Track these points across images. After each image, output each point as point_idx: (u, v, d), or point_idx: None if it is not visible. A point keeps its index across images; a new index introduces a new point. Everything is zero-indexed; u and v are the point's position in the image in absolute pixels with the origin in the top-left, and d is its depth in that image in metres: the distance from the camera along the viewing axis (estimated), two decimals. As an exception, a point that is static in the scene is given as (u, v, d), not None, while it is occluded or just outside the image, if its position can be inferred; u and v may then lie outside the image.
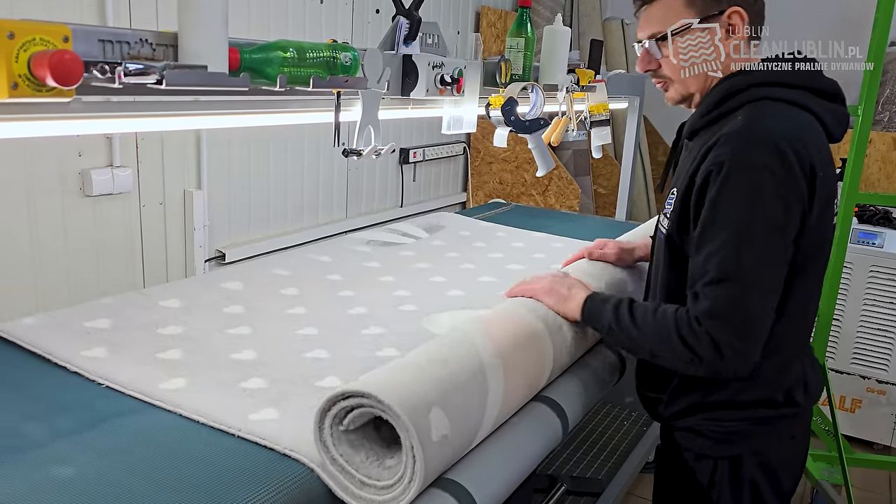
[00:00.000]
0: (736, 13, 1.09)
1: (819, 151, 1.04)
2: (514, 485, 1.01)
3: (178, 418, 0.96)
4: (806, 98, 1.07)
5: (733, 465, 1.15)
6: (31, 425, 0.93)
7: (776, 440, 1.16)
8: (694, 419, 1.17)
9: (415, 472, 0.81)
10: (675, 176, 1.18)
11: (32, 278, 1.83)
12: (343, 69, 1.12)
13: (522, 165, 3.45)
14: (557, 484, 1.91)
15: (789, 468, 1.19)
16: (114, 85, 0.81)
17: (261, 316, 1.34)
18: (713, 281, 0.99)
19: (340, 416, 0.84)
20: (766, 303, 1.01)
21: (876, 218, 2.80)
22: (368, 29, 2.76)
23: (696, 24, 1.10)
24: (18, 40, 0.73)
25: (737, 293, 0.98)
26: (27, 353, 1.12)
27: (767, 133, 1.01)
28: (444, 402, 0.86)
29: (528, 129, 1.63)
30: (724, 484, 1.15)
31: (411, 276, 1.67)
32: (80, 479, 0.82)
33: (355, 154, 1.23)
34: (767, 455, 1.15)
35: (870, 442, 2.82)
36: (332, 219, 2.82)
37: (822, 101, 1.09)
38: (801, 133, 1.03)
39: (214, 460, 0.87)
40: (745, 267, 0.98)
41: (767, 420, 1.14)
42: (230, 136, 2.31)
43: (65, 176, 1.86)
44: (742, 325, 0.98)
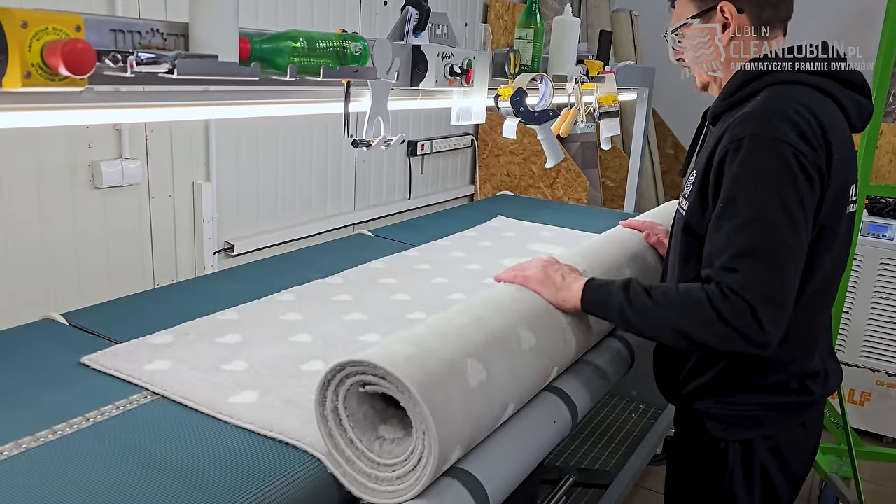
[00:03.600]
0: (726, 6, 1.13)
1: (837, 134, 1.04)
2: (524, 474, 1.01)
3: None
4: (828, 84, 1.09)
5: (745, 449, 1.16)
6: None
7: (787, 427, 1.16)
8: (707, 402, 1.18)
9: (425, 447, 0.82)
10: (697, 159, 1.19)
11: (42, 270, 1.84)
12: (353, 59, 1.12)
13: (530, 158, 3.44)
14: (565, 476, 1.92)
15: (800, 455, 1.20)
16: (126, 74, 0.81)
17: (319, 322, 1.31)
18: (742, 254, 0.99)
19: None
20: (795, 273, 1.00)
21: (886, 210, 2.78)
22: (376, 20, 2.75)
23: (695, 19, 1.17)
24: (31, 29, 0.74)
25: (768, 263, 0.98)
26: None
27: (785, 109, 1.02)
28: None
29: (537, 120, 1.63)
30: (736, 467, 1.16)
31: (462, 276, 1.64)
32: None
33: (365, 145, 1.23)
34: (778, 441, 1.16)
35: (879, 435, 2.81)
36: (340, 211, 2.83)
37: (844, 90, 1.10)
38: (818, 112, 1.03)
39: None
40: (773, 239, 0.98)
41: (778, 406, 1.14)
42: (239, 128, 2.31)
43: (75, 168, 1.87)
44: (778, 292, 0.98)
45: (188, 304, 1.36)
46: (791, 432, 1.17)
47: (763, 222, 0.99)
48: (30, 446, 0.86)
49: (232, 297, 1.40)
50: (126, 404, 0.98)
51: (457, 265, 1.70)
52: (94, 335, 1.20)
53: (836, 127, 1.05)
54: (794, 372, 1.13)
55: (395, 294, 1.48)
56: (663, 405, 2.35)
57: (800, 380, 1.14)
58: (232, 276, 1.60)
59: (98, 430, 0.92)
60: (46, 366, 1.08)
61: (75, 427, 0.91)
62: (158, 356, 1.12)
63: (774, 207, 0.99)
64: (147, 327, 1.23)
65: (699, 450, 1.21)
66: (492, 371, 0.93)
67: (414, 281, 1.58)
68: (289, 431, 0.92)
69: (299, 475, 0.84)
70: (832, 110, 1.07)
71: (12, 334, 1.20)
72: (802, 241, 1.01)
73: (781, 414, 1.15)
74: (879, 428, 2.80)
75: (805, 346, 1.14)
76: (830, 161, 1.02)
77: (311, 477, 0.85)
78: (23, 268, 1.80)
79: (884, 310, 2.73)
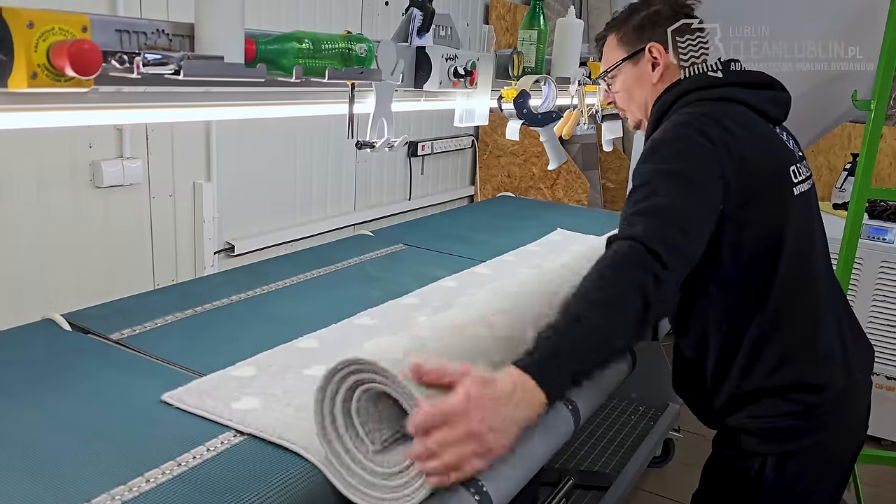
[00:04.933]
0: (654, 47, 1.24)
1: (749, 131, 1.12)
2: (527, 476, 1.00)
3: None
4: (734, 92, 1.17)
5: (781, 461, 1.15)
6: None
7: (823, 435, 1.16)
8: (739, 416, 1.18)
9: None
10: None
11: (42, 270, 1.84)
12: (358, 60, 1.12)
13: (531, 159, 3.44)
14: (565, 478, 1.91)
15: (838, 462, 1.21)
16: (132, 75, 0.81)
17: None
18: (636, 213, 1.01)
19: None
20: (686, 222, 1.02)
21: (887, 213, 2.78)
22: (378, 21, 2.75)
23: (626, 62, 1.27)
24: (38, 30, 0.73)
25: (661, 208, 1.01)
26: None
27: (682, 119, 1.12)
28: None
29: (540, 122, 1.62)
30: (773, 482, 1.16)
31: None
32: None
33: (368, 146, 1.23)
34: (816, 450, 1.16)
35: (878, 438, 2.82)
36: (341, 211, 2.82)
37: (753, 91, 1.18)
38: (718, 115, 1.11)
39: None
40: (662, 199, 1.02)
41: (808, 412, 1.14)
42: (240, 128, 2.30)
43: (76, 167, 1.87)
44: (668, 225, 0.99)
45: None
46: (828, 440, 1.16)
47: (653, 190, 1.03)
48: (125, 498, 0.77)
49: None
50: (217, 445, 0.88)
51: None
52: (141, 354, 1.12)
53: (744, 124, 1.12)
54: (808, 364, 1.14)
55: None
56: (663, 407, 2.34)
57: (820, 374, 1.14)
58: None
59: (192, 476, 0.82)
60: (119, 398, 0.99)
61: (168, 473, 0.82)
62: (245, 392, 1.02)
63: (662, 178, 1.05)
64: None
65: (735, 467, 1.20)
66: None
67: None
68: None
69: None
70: (739, 112, 1.15)
71: (64, 354, 1.11)
72: (694, 202, 1.03)
73: (814, 421, 1.15)
74: (879, 431, 2.80)
75: (805, 335, 1.15)
76: (739, 150, 1.08)
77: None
78: (23, 267, 1.79)
79: (884, 313, 2.73)
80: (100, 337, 1.19)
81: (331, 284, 1.55)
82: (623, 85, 1.30)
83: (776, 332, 1.12)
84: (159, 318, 1.28)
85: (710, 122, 1.09)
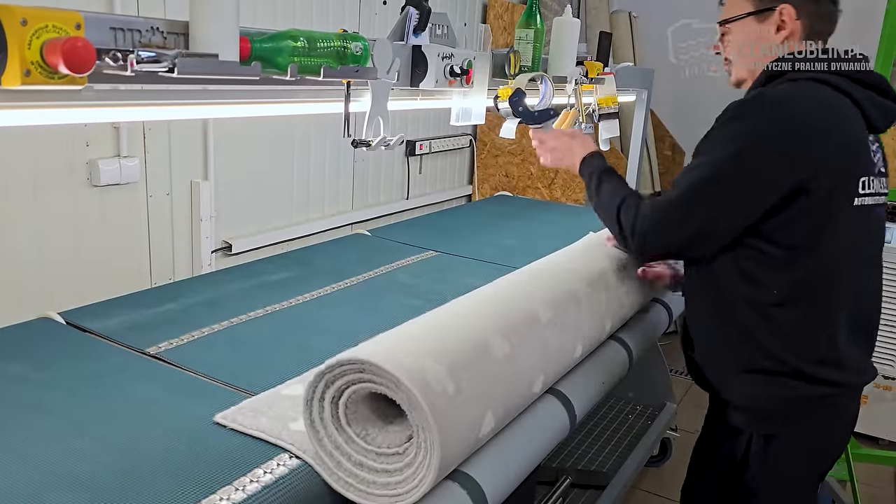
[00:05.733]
0: (786, 9, 1.17)
1: (841, 127, 1.09)
2: (522, 475, 1.01)
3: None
4: (845, 84, 1.12)
5: (767, 442, 1.18)
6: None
7: (811, 425, 1.18)
8: (731, 390, 1.21)
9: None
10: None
11: (39, 269, 1.83)
12: (353, 59, 1.12)
13: (528, 158, 3.44)
14: (562, 477, 1.92)
15: (825, 451, 1.23)
16: (126, 73, 0.80)
17: None
18: (679, 182, 1.14)
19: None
20: (695, 222, 1.13)
21: (887, 213, 2.78)
22: (375, 20, 2.75)
23: (751, 16, 1.20)
24: (31, 27, 0.73)
25: (673, 199, 1.14)
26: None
27: (773, 95, 1.09)
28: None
29: (536, 120, 1.62)
30: (756, 461, 1.19)
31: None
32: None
33: (364, 145, 1.23)
34: (800, 439, 1.18)
35: (875, 438, 2.82)
36: (339, 210, 2.82)
37: (864, 90, 1.14)
38: (813, 103, 1.08)
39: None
40: (691, 190, 1.12)
41: (799, 400, 1.16)
42: (237, 127, 2.30)
43: (72, 166, 1.86)
44: (665, 215, 1.16)
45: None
46: (814, 430, 1.19)
47: (700, 169, 1.11)
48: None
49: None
50: (274, 466, 0.85)
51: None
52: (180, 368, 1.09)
53: (840, 120, 1.09)
54: (802, 349, 1.15)
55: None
56: (660, 406, 2.35)
57: (814, 364, 1.15)
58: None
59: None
60: (171, 416, 0.96)
61: (230, 501, 0.78)
62: (300, 411, 0.92)
63: (708, 166, 1.11)
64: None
65: (723, 439, 1.24)
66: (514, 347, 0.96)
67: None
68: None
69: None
70: (840, 105, 1.11)
71: (102, 372, 1.06)
72: (728, 203, 1.11)
73: (804, 412, 1.17)
74: (876, 430, 2.80)
75: (816, 331, 1.15)
76: (824, 146, 1.06)
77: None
78: (19, 266, 1.79)
79: (883, 313, 2.73)
80: (134, 350, 1.15)
81: (363, 294, 1.51)
82: (739, 38, 1.23)
83: (787, 319, 1.13)
84: (195, 331, 1.23)
85: (797, 108, 1.08)
